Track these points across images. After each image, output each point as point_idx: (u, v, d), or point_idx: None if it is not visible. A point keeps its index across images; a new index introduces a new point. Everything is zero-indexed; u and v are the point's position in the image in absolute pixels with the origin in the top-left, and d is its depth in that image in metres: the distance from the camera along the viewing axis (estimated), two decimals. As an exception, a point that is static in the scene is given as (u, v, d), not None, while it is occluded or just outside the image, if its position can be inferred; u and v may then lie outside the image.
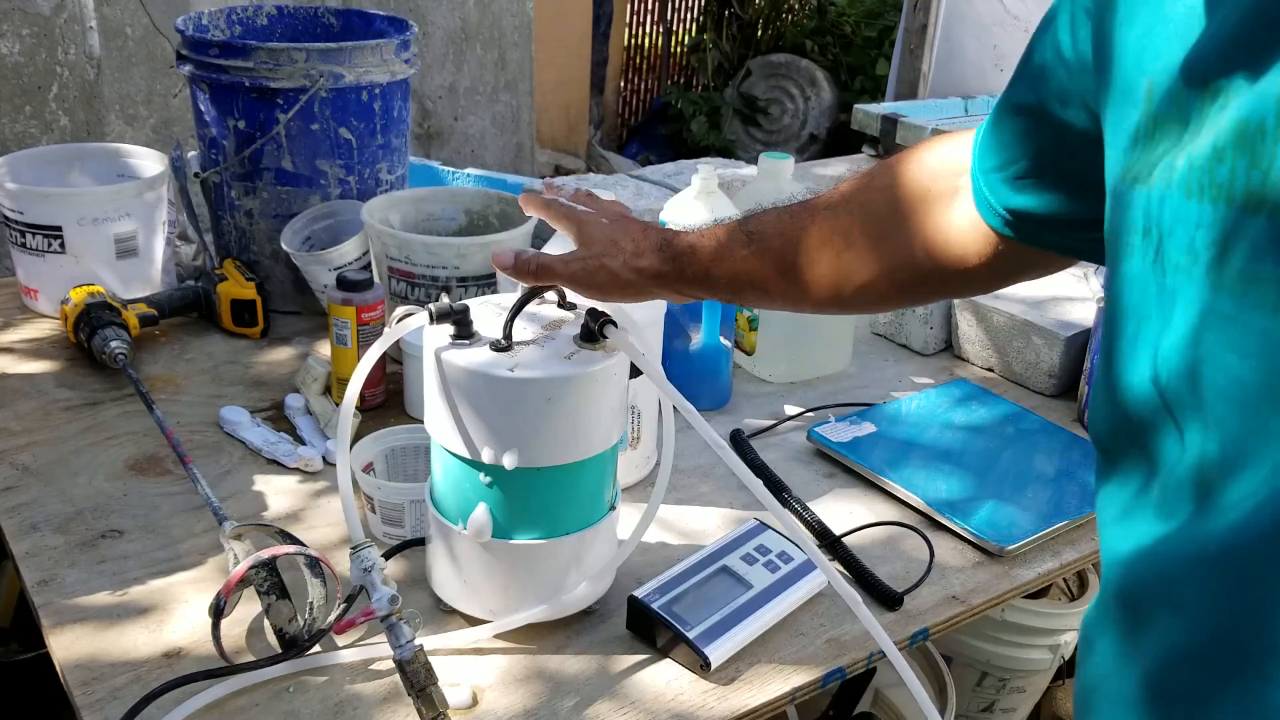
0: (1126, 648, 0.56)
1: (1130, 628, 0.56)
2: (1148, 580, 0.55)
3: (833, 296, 0.87)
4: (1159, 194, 0.52)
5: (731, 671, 0.95)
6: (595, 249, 0.89)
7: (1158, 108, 0.53)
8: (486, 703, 0.90)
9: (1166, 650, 0.53)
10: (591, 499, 0.96)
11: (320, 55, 1.43)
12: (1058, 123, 0.67)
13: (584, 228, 0.91)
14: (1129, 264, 0.55)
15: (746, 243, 0.87)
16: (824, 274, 0.86)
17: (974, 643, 1.58)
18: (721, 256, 0.88)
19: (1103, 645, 0.59)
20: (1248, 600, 0.49)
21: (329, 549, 1.07)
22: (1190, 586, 0.51)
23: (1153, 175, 0.53)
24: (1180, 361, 0.51)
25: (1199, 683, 0.51)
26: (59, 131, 2.83)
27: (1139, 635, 0.55)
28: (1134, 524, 0.56)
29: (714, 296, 0.92)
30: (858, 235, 0.84)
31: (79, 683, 0.90)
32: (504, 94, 4.00)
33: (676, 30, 6.44)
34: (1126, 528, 0.56)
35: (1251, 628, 0.49)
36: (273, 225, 1.52)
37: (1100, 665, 0.59)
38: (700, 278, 0.89)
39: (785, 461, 1.28)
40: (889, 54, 4.68)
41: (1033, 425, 1.35)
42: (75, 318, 1.38)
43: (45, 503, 1.12)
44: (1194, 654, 0.51)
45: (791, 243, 0.86)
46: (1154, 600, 0.54)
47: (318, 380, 1.33)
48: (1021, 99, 0.71)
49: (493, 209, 1.49)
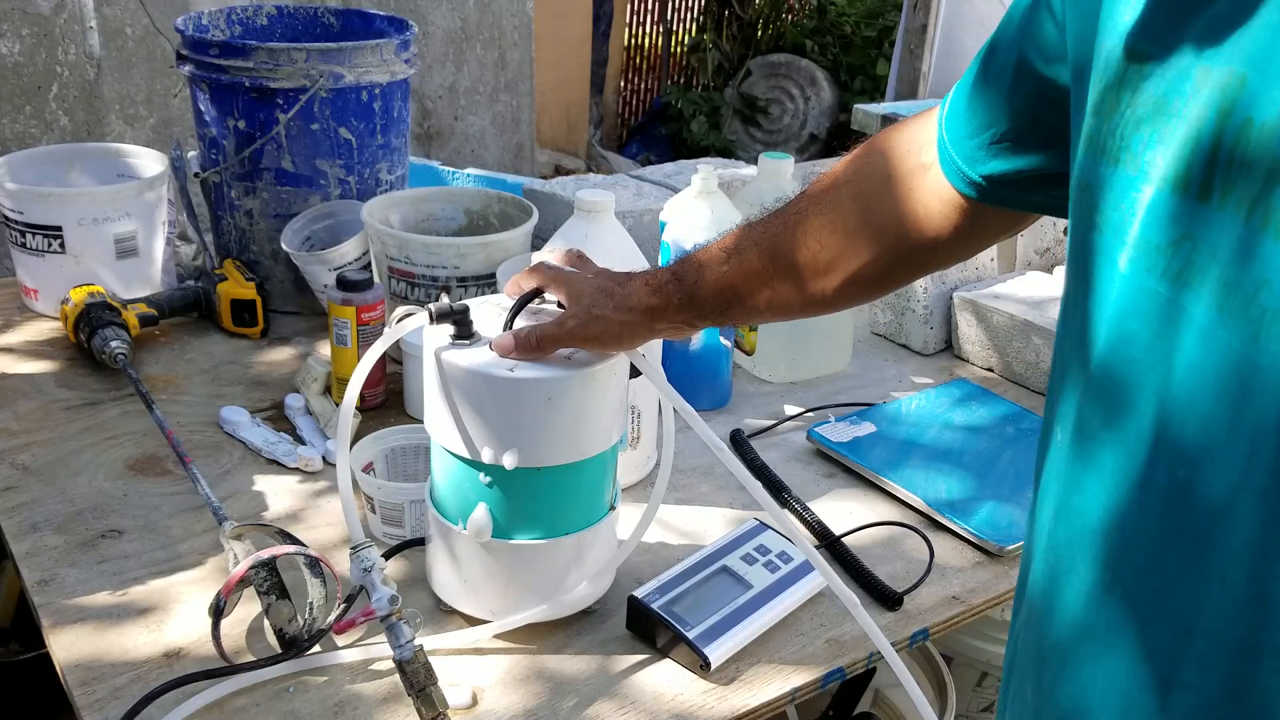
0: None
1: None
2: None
3: (817, 295, 0.87)
4: (1103, 159, 0.55)
5: (731, 671, 0.95)
6: (584, 302, 0.89)
7: (1112, 74, 0.55)
8: (486, 703, 0.91)
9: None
10: (591, 499, 0.96)
11: (320, 55, 1.43)
12: (1039, 78, 0.68)
13: (571, 285, 0.91)
14: (1080, 224, 0.58)
15: (725, 259, 0.88)
16: (806, 274, 0.86)
17: (974, 643, 1.58)
18: (704, 276, 0.88)
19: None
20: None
21: (329, 549, 1.07)
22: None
23: (1101, 140, 0.55)
24: (1099, 323, 0.55)
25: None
26: (59, 131, 2.83)
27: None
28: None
29: (706, 321, 0.92)
30: (832, 231, 0.84)
31: (79, 683, 0.90)
32: (504, 94, 4.00)
33: (676, 30, 6.44)
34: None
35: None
36: (273, 225, 1.52)
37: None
38: (687, 302, 0.89)
39: (785, 461, 1.28)
40: (889, 54, 4.68)
41: (1033, 425, 1.35)
42: (75, 318, 1.38)
43: (45, 503, 1.12)
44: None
45: (769, 250, 0.86)
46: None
47: (318, 380, 1.33)
48: (1001, 60, 0.72)
49: (493, 209, 1.49)
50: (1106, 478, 0.55)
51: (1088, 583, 0.57)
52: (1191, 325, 0.50)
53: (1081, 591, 0.58)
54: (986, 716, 1.68)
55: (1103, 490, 0.56)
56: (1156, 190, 0.51)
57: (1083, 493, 0.57)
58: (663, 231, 1.34)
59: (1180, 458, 0.51)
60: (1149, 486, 0.53)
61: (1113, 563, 0.55)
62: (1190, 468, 0.51)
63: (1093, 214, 0.56)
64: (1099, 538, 0.56)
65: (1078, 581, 0.58)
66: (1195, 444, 0.50)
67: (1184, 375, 0.50)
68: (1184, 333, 0.50)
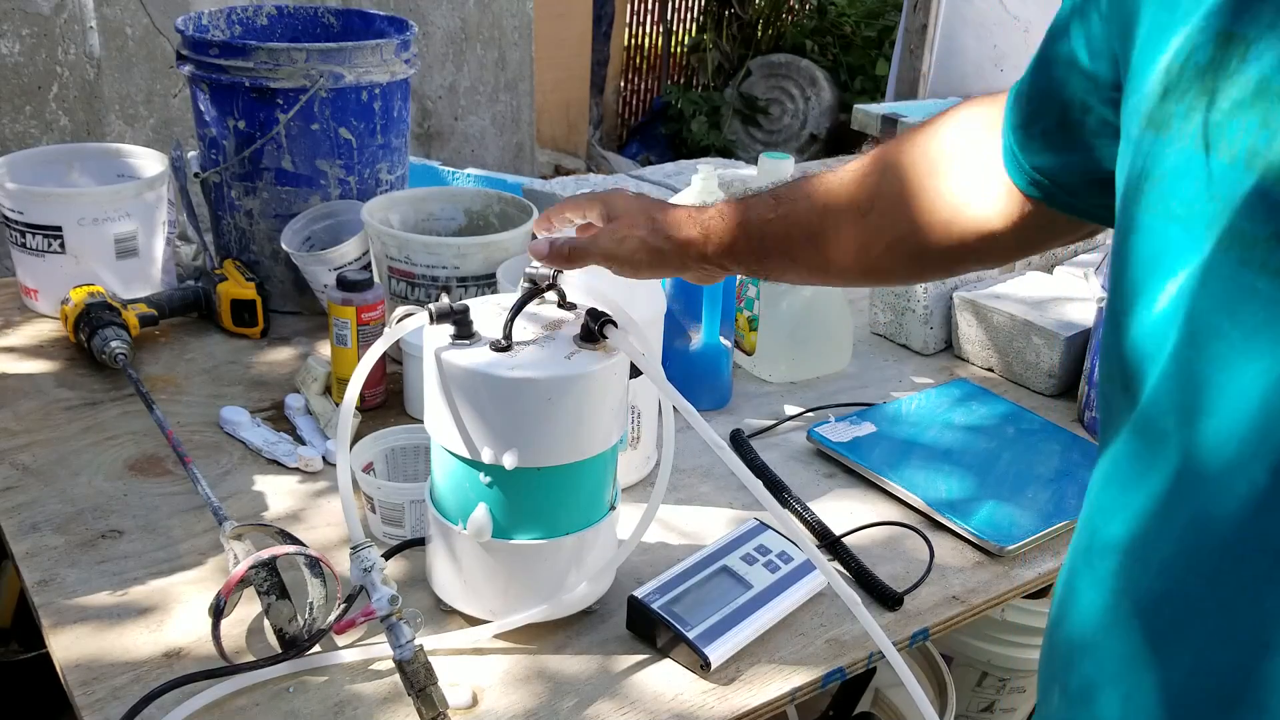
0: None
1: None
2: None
3: (857, 262, 0.86)
4: (1173, 144, 0.52)
5: (731, 671, 0.95)
6: (624, 220, 0.89)
7: (1184, 58, 0.53)
8: (486, 703, 0.91)
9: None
10: (591, 499, 0.96)
11: (320, 55, 1.43)
12: (1088, 73, 0.66)
13: (610, 202, 0.91)
14: (1138, 212, 0.55)
15: (774, 205, 0.87)
16: (849, 237, 0.85)
17: (974, 643, 1.58)
18: (748, 220, 0.88)
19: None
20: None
21: (329, 549, 1.07)
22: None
23: (1170, 125, 0.53)
24: (1176, 314, 0.52)
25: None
26: (59, 131, 2.83)
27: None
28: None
29: (739, 269, 0.92)
30: (885, 196, 0.83)
31: (79, 683, 0.90)
32: (504, 94, 4.00)
33: (676, 30, 6.44)
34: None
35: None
36: (273, 225, 1.52)
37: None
38: (727, 246, 0.89)
39: (785, 461, 1.28)
40: (889, 54, 4.68)
41: (1033, 425, 1.35)
42: (75, 318, 1.38)
43: (45, 503, 1.12)
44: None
45: (818, 205, 0.85)
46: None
47: (318, 380, 1.33)
48: (1054, 53, 0.70)
49: (493, 209, 1.49)
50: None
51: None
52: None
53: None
54: (986, 716, 1.68)
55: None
56: (1260, 177, 0.48)
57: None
58: (663, 231, 1.34)
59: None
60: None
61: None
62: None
63: (1166, 204, 0.53)
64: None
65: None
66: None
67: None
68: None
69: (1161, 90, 0.54)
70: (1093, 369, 1.37)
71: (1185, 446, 0.52)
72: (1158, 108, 0.54)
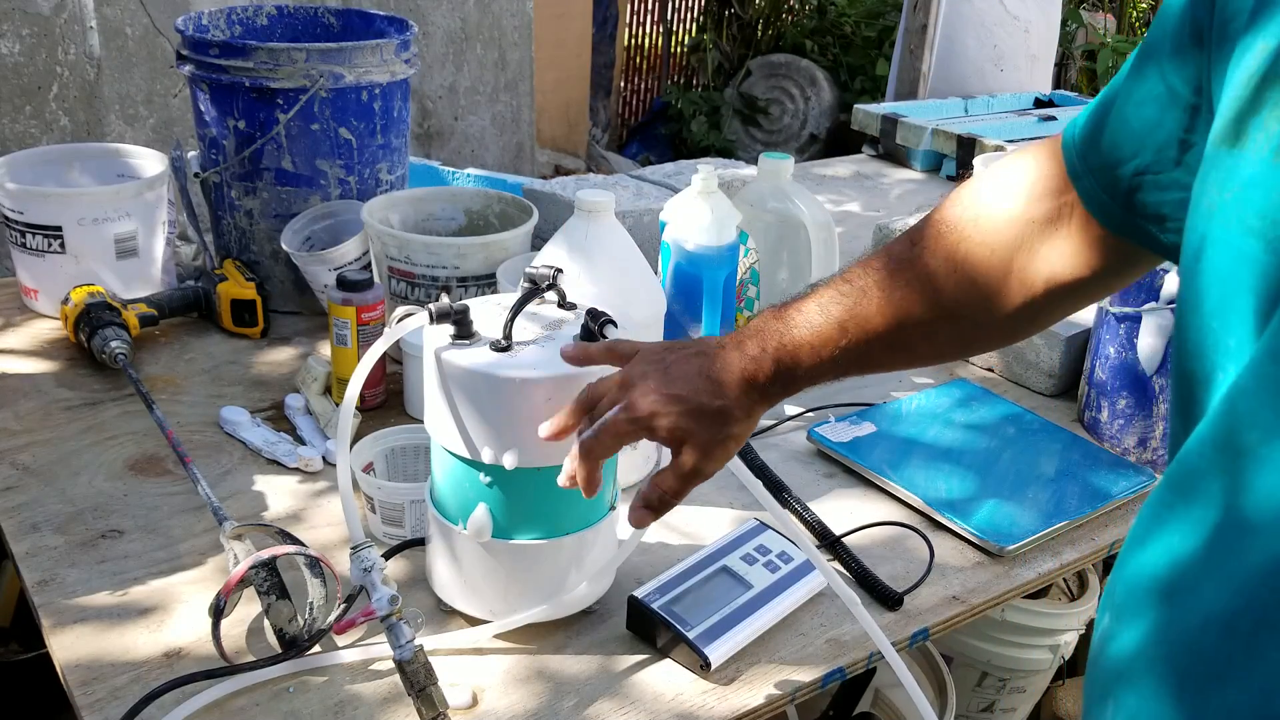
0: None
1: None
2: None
3: (955, 352, 0.86)
4: (1248, 157, 0.52)
5: (731, 671, 0.95)
6: (682, 391, 0.81)
7: (1266, 69, 0.52)
8: (486, 703, 0.91)
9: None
10: (591, 499, 0.95)
11: (320, 55, 1.43)
12: (1188, 105, 0.64)
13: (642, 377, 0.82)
14: (1212, 226, 0.54)
15: (840, 299, 0.82)
16: (944, 339, 0.83)
17: (974, 643, 1.58)
18: (819, 364, 0.83)
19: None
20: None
21: (329, 549, 1.07)
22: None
23: (1247, 137, 0.52)
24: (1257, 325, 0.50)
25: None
26: (59, 131, 2.83)
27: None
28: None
29: (807, 381, 0.87)
30: (968, 300, 0.79)
31: (79, 683, 0.90)
32: (504, 94, 4.00)
33: (676, 30, 6.44)
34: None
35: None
36: (273, 225, 1.52)
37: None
38: (803, 387, 0.85)
39: (785, 461, 1.28)
40: (889, 54, 4.67)
41: (1033, 425, 1.35)
42: (75, 318, 1.38)
43: (45, 503, 1.12)
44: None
45: (891, 320, 0.81)
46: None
47: (318, 380, 1.33)
48: (1145, 90, 0.67)
49: (493, 209, 1.49)
50: None
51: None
52: None
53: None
54: (986, 717, 1.68)
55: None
56: None
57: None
58: (663, 231, 1.34)
59: None
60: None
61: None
62: None
63: (1243, 217, 0.52)
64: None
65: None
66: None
67: None
68: None
69: (1239, 103, 0.53)
70: (1093, 369, 1.37)
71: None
72: (1234, 121, 0.53)
